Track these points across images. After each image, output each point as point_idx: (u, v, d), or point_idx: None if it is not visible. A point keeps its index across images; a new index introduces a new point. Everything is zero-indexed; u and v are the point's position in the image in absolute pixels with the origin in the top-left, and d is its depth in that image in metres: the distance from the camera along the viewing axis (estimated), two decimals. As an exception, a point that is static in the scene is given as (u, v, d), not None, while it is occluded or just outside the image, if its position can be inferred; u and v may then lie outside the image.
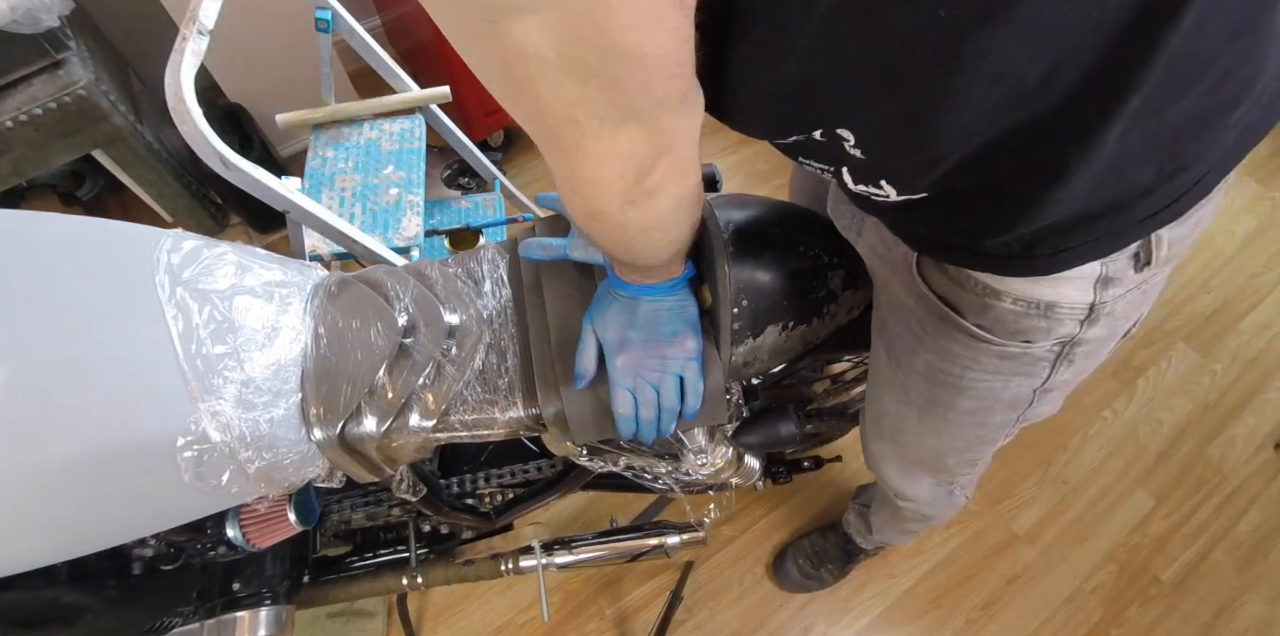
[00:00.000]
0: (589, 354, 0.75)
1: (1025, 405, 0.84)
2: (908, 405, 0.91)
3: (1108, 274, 0.65)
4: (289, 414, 0.69)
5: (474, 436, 0.78)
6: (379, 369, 0.73)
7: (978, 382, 0.79)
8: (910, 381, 0.87)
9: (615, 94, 0.44)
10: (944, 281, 0.72)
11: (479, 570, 1.22)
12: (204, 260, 0.70)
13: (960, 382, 0.80)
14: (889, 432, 1.00)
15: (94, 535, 0.66)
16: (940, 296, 0.73)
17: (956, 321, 0.73)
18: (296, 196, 1.19)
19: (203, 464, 0.63)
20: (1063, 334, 0.70)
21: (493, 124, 2.23)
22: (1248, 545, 1.78)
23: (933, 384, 0.83)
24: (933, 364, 0.80)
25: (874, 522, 1.47)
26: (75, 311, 0.62)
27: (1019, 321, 0.69)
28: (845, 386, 1.47)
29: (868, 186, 0.61)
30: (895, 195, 0.60)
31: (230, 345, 0.66)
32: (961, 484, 1.12)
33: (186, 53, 1.05)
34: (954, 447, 0.95)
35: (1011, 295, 0.67)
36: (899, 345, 0.85)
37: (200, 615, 0.96)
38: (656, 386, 0.74)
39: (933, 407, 0.87)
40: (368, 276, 0.83)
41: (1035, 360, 0.74)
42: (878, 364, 0.94)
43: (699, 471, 0.95)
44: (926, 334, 0.78)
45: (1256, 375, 2.03)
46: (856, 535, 1.61)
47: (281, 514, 0.85)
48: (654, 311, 0.73)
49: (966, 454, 0.97)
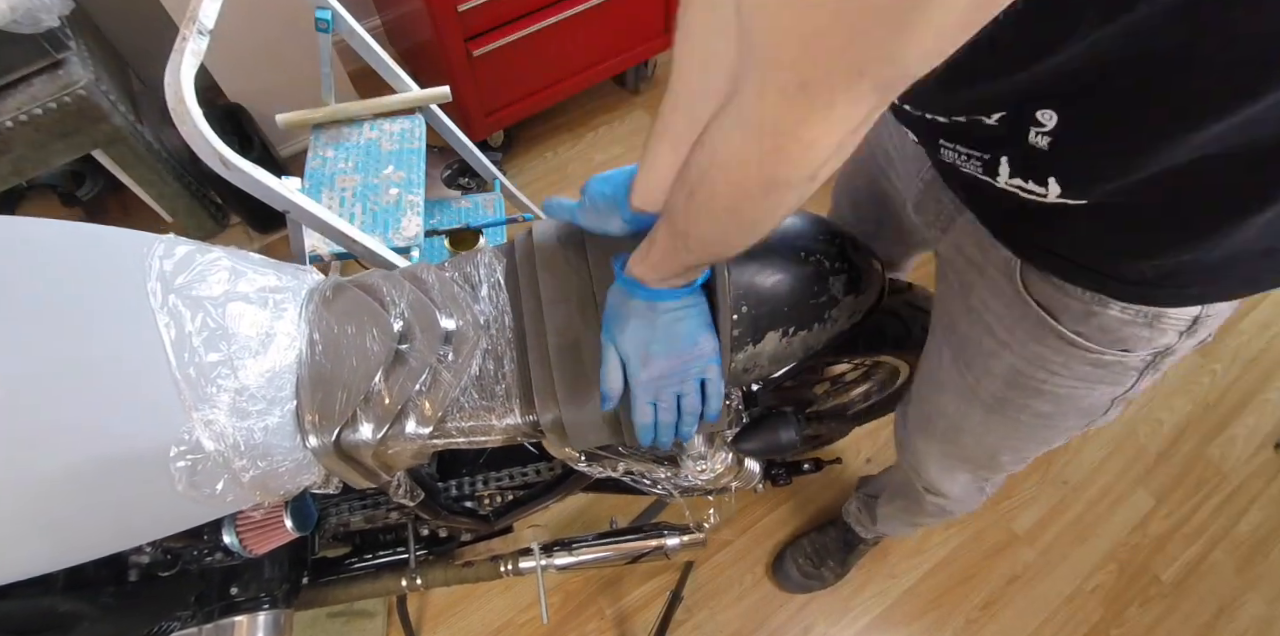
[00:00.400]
0: (615, 374, 0.73)
1: (1100, 412, 0.83)
2: (972, 404, 0.90)
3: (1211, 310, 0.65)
4: (284, 421, 0.69)
5: (471, 443, 0.78)
6: (375, 375, 0.73)
7: (1060, 388, 0.79)
8: (982, 383, 0.86)
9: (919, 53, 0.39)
10: (1047, 288, 0.71)
11: (478, 571, 1.22)
12: (197, 266, 0.70)
13: (1043, 387, 0.80)
14: (942, 432, 1.00)
15: (89, 544, 0.66)
16: (1040, 303, 0.72)
17: (1053, 327, 0.72)
18: (296, 196, 1.19)
19: (196, 473, 0.63)
20: (1162, 344, 0.70)
21: (493, 124, 2.23)
22: (1248, 545, 1.78)
23: (1011, 387, 0.83)
24: (1017, 368, 0.80)
25: (881, 514, 1.48)
26: (66, 319, 0.62)
27: (1122, 329, 0.68)
28: (845, 388, 1.47)
29: (1026, 181, 0.59)
30: (1055, 196, 0.58)
31: (224, 352, 0.66)
32: (995, 481, 1.12)
33: (186, 53, 1.05)
34: (1012, 446, 0.95)
35: (1121, 304, 0.66)
36: (973, 348, 0.84)
37: (198, 620, 0.95)
38: (679, 393, 0.73)
39: (1004, 409, 0.86)
40: (363, 281, 0.82)
41: (1126, 369, 0.74)
42: (937, 364, 0.93)
43: (698, 477, 0.95)
44: (1015, 338, 0.77)
45: (1256, 375, 2.03)
46: (857, 525, 1.62)
47: (278, 520, 0.85)
48: (673, 318, 0.72)
49: (1022, 453, 0.97)
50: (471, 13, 1.82)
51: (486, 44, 1.92)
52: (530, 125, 2.46)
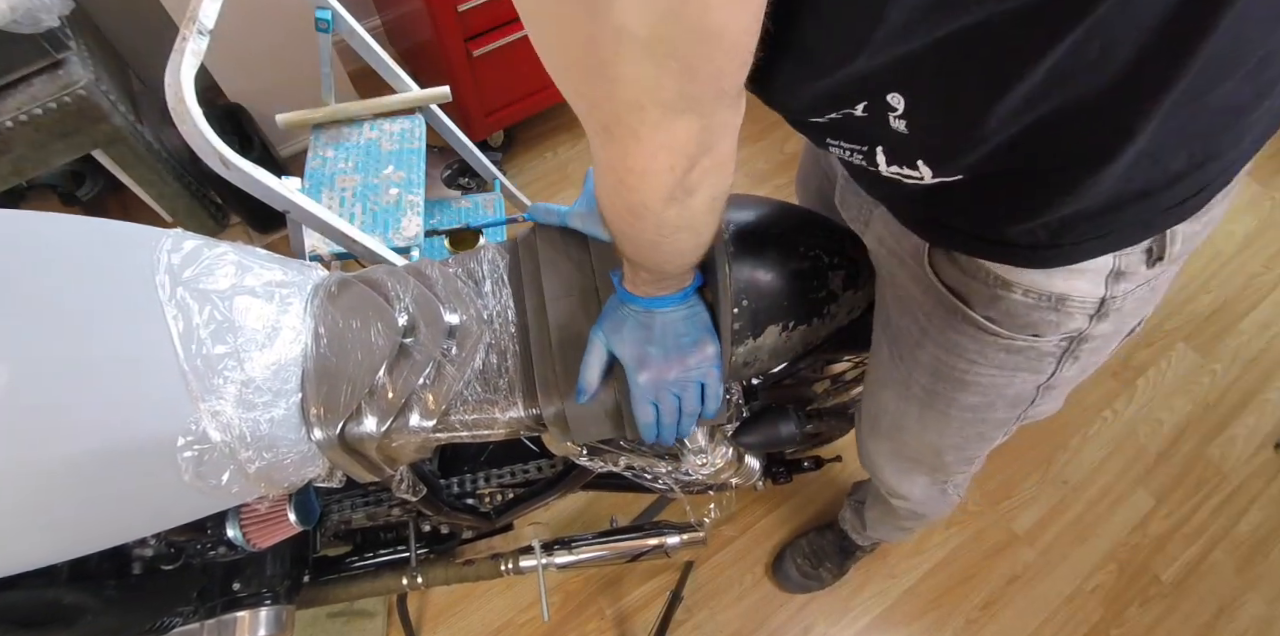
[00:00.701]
0: (594, 370, 0.75)
1: (1028, 402, 0.84)
2: (908, 401, 0.91)
3: (1120, 268, 0.65)
4: (289, 414, 0.69)
5: (474, 436, 0.78)
6: (379, 369, 0.73)
7: (982, 377, 0.79)
8: (913, 376, 0.87)
9: (687, 80, 0.44)
10: (955, 273, 0.72)
11: (479, 570, 1.22)
12: (204, 260, 0.70)
13: (965, 377, 0.80)
14: (886, 429, 1.00)
15: (94, 535, 0.66)
16: (950, 288, 0.73)
17: (965, 313, 0.73)
18: (296, 196, 1.19)
19: (203, 464, 0.63)
20: (1071, 328, 0.70)
21: (493, 124, 2.23)
22: (1248, 545, 1.78)
23: (936, 377, 0.83)
24: (938, 357, 0.81)
25: (868, 519, 1.48)
26: (76, 311, 0.62)
27: (1029, 314, 0.69)
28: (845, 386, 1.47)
29: (902, 168, 0.61)
30: (930, 178, 0.60)
31: (231, 345, 0.66)
32: (955, 482, 1.12)
33: (186, 53, 1.05)
34: (953, 444, 0.95)
35: (1023, 286, 0.67)
36: (903, 339, 0.85)
37: (200, 615, 0.96)
38: (679, 394, 0.74)
39: (934, 403, 0.87)
40: (368, 276, 0.83)
41: (1042, 355, 0.75)
42: (879, 360, 0.94)
43: (699, 471, 0.95)
44: (933, 326, 0.78)
45: (1256, 375, 2.03)
46: (852, 532, 1.62)
47: (282, 514, 0.85)
48: (669, 322, 0.73)
49: (964, 451, 0.97)
50: (471, 13, 1.83)
51: (486, 44, 1.92)
52: (530, 125, 2.46)
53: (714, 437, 0.93)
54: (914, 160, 0.59)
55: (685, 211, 0.56)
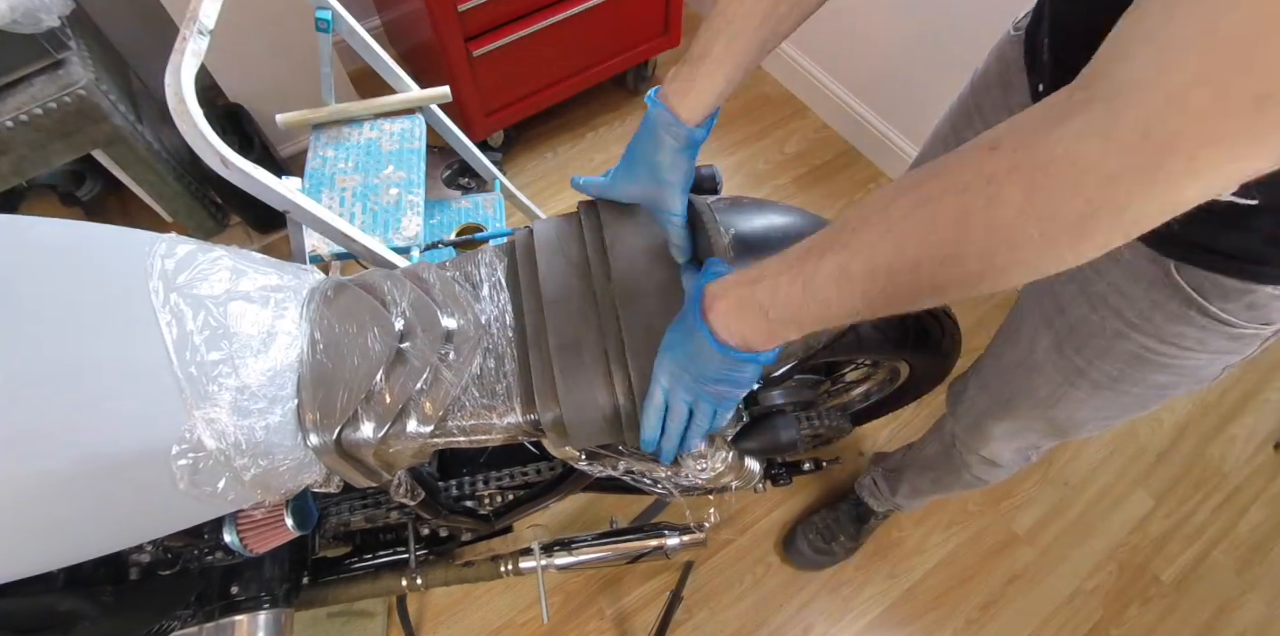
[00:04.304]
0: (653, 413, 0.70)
1: (1211, 379, 0.84)
2: (1076, 386, 0.91)
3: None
4: (285, 420, 0.69)
5: (472, 442, 0.78)
6: (376, 374, 0.73)
7: (1188, 361, 0.79)
8: (1093, 365, 0.86)
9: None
10: (1198, 272, 0.71)
11: (478, 571, 1.22)
12: (198, 265, 0.70)
13: (1171, 362, 0.80)
14: (1026, 408, 1.01)
15: (89, 542, 0.66)
16: (1189, 283, 0.72)
17: (1202, 305, 0.72)
18: (296, 196, 1.19)
19: (198, 471, 0.63)
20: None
21: (493, 124, 2.23)
22: (1248, 545, 1.78)
23: (1133, 365, 0.83)
24: (1146, 346, 0.80)
25: (904, 488, 1.51)
26: (68, 318, 0.62)
27: (1270, 304, 0.69)
28: (846, 387, 1.47)
29: None
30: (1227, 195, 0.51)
31: (225, 351, 0.66)
32: (1043, 450, 1.14)
33: (186, 53, 1.05)
34: (1105, 416, 0.95)
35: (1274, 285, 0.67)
36: (1089, 332, 0.84)
37: (198, 619, 0.96)
38: (691, 407, 0.70)
39: (1116, 384, 0.87)
40: (364, 280, 0.82)
41: (1257, 339, 0.75)
42: (1029, 351, 0.94)
43: (699, 476, 0.95)
44: (1149, 321, 0.77)
45: (1256, 375, 2.03)
46: (871, 498, 1.64)
47: (279, 519, 0.85)
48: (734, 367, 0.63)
49: (1112, 421, 0.97)
50: (471, 13, 1.82)
51: (486, 44, 1.92)
52: (530, 125, 2.46)
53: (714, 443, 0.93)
54: None
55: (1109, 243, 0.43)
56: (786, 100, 2.56)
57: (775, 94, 2.58)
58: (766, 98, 2.57)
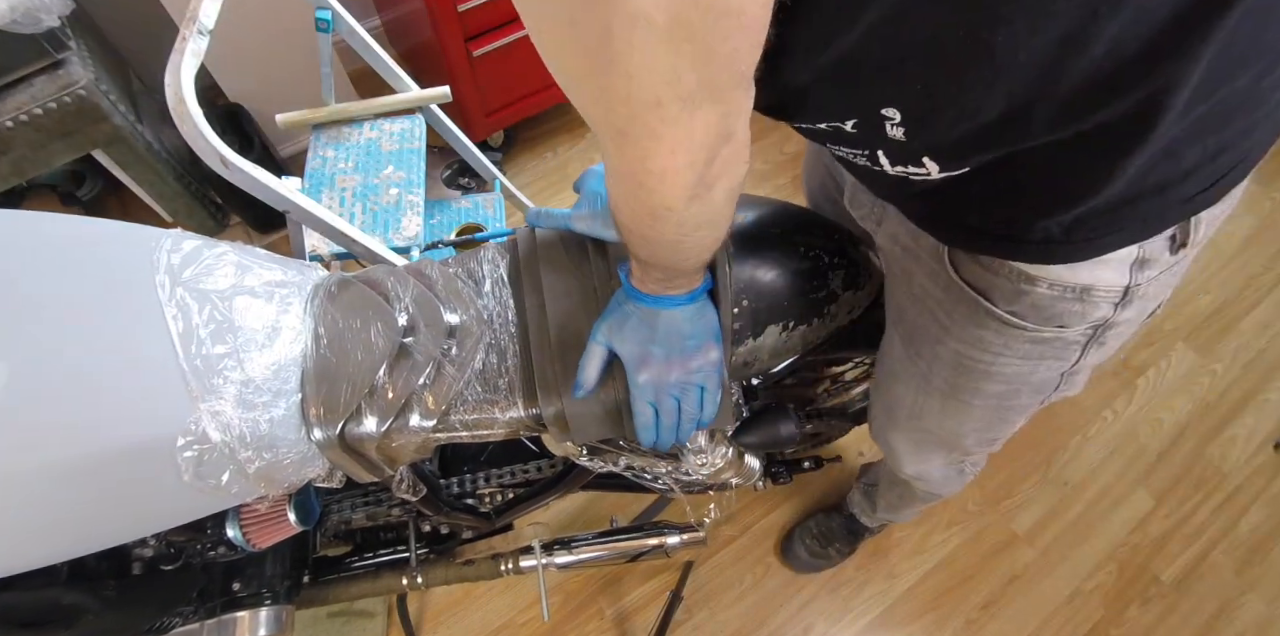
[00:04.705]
0: (593, 366, 0.73)
1: (1052, 388, 0.85)
2: (928, 394, 0.91)
3: (1144, 256, 0.65)
4: (289, 414, 0.69)
5: (474, 436, 0.78)
6: (379, 369, 0.73)
7: (1007, 368, 0.80)
8: (933, 370, 0.87)
9: (704, 65, 0.42)
10: (976, 269, 0.72)
11: (479, 570, 1.22)
12: (204, 260, 0.70)
13: (990, 368, 0.80)
14: (904, 420, 1.01)
15: (94, 535, 0.66)
16: (971, 285, 0.73)
17: (989, 309, 0.73)
18: (296, 196, 1.19)
19: (203, 464, 0.63)
20: (1097, 317, 0.71)
21: (493, 124, 2.23)
22: (1248, 545, 1.78)
23: (959, 371, 0.83)
24: (960, 352, 0.81)
25: (880, 503, 1.50)
26: (75, 311, 0.62)
27: (1054, 306, 0.69)
28: (845, 386, 1.47)
29: (907, 167, 0.61)
30: (937, 172, 0.60)
31: (230, 345, 0.66)
32: (973, 461, 1.14)
33: (186, 53, 1.05)
34: (974, 429, 0.96)
35: (1048, 280, 0.67)
36: (921, 336, 0.85)
37: (200, 615, 0.96)
38: (678, 397, 0.72)
39: (957, 393, 0.87)
40: (368, 276, 0.82)
41: (1067, 344, 0.75)
42: (891, 355, 0.94)
43: (699, 471, 0.95)
44: (955, 323, 0.78)
45: (1256, 375, 2.03)
46: (861, 514, 1.64)
47: (281, 514, 0.85)
48: (675, 322, 0.70)
49: (987, 434, 0.98)
50: (471, 13, 1.83)
51: (486, 44, 1.92)
52: (530, 125, 2.46)
53: (714, 438, 0.93)
54: (919, 159, 0.59)
55: (706, 207, 0.54)
56: (786, 101, 2.56)
57: (774, 95, 2.58)
58: (766, 99, 2.57)
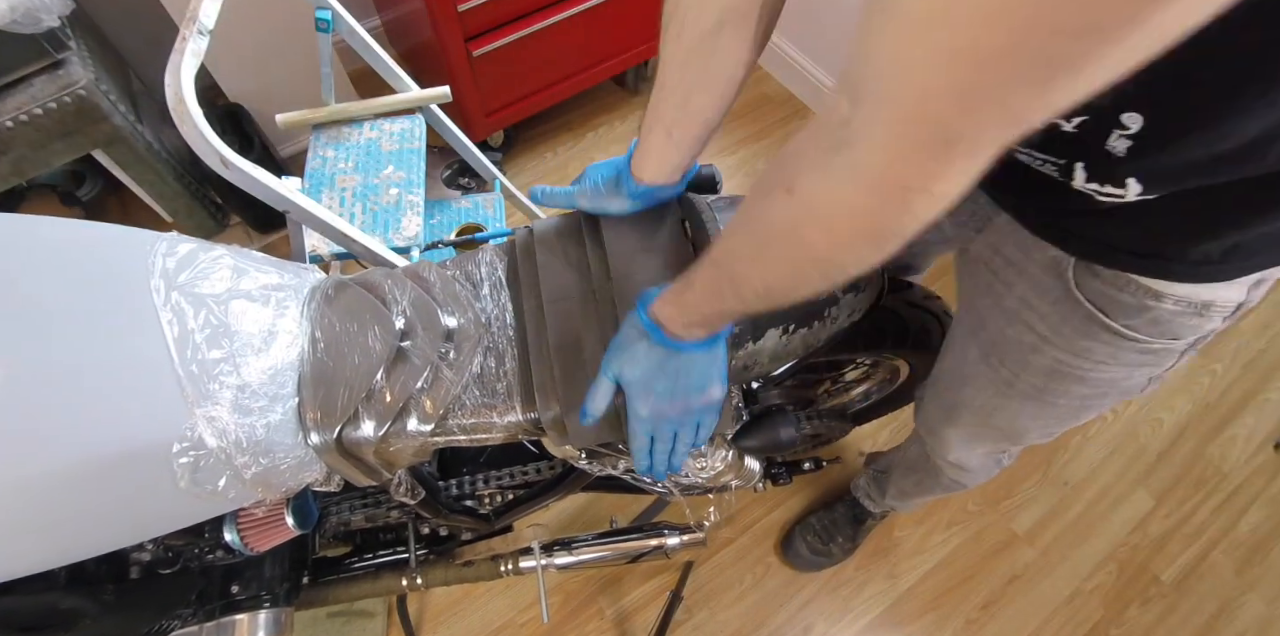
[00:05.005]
0: (602, 399, 0.71)
1: (1138, 390, 0.85)
2: (1008, 397, 0.92)
3: (1264, 276, 0.66)
4: (286, 418, 0.69)
5: (472, 440, 0.78)
6: (377, 373, 0.73)
7: (1105, 374, 0.80)
8: (1020, 377, 0.87)
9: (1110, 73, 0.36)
10: (1096, 285, 0.72)
11: (479, 571, 1.22)
12: (200, 264, 0.70)
13: (1087, 374, 0.81)
14: (968, 416, 1.01)
15: (91, 540, 0.66)
16: (1090, 300, 0.74)
17: (1105, 323, 0.73)
18: (296, 196, 1.19)
19: (199, 470, 0.63)
20: (1207, 330, 0.72)
21: (493, 124, 2.23)
22: (1248, 545, 1.78)
23: (1052, 377, 0.84)
24: (1059, 360, 0.81)
25: (891, 489, 1.50)
26: (69, 316, 0.62)
27: (1174, 321, 0.70)
28: (845, 387, 1.47)
29: (1103, 185, 0.60)
30: (1135, 195, 0.58)
31: (226, 350, 0.66)
32: (1013, 453, 1.15)
33: (186, 53, 1.05)
34: (1043, 424, 0.96)
35: (1174, 297, 0.68)
36: (1009, 346, 0.85)
37: (199, 618, 0.95)
38: (676, 430, 0.72)
39: (1042, 396, 0.88)
40: (365, 279, 0.82)
41: (1171, 353, 0.76)
42: (963, 360, 0.95)
43: (699, 475, 0.95)
44: (1059, 335, 0.79)
45: (1256, 375, 2.03)
46: (866, 499, 1.65)
47: (279, 517, 0.85)
48: (690, 364, 0.68)
49: (1051, 428, 0.98)
50: (471, 13, 1.82)
51: (486, 44, 1.92)
52: (530, 125, 2.46)
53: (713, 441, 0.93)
54: (1123, 178, 0.57)
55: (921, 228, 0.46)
56: (786, 100, 2.56)
57: (775, 94, 2.58)
58: (766, 98, 2.57)
